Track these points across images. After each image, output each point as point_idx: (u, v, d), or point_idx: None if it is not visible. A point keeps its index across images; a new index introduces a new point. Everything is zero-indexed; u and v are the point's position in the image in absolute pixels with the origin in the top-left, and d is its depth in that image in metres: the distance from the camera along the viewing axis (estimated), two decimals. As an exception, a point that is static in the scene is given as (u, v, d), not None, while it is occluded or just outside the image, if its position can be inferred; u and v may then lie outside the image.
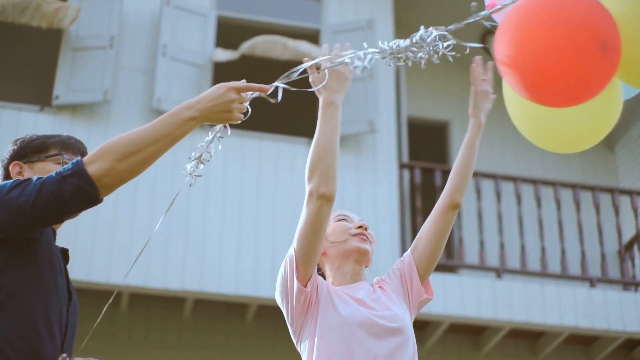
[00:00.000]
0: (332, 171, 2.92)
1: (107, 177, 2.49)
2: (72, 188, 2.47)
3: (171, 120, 2.59)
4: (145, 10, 9.19)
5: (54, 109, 8.50)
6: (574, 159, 10.96)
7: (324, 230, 2.94)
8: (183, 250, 8.10)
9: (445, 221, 3.13)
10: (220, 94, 2.68)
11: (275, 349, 8.72)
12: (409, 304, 3.07)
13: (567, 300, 8.70)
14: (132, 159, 2.51)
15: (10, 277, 2.51)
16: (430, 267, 3.11)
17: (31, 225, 2.51)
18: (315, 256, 2.94)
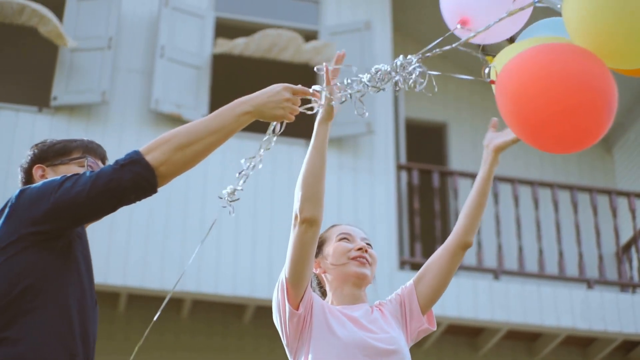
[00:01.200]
0: (316, 195, 2.92)
1: (165, 166, 2.54)
2: (132, 175, 2.50)
3: (227, 114, 2.67)
4: (143, 11, 9.20)
5: (51, 110, 8.50)
6: (572, 160, 10.97)
7: (311, 254, 2.93)
8: (180, 252, 8.10)
9: (454, 261, 3.10)
10: (276, 91, 2.76)
11: (273, 350, 8.73)
12: (406, 332, 3.05)
13: (564, 301, 8.70)
14: (188, 150, 2.56)
15: (50, 279, 2.52)
16: (434, 301, 3.08)
17: (86, 215, 2.54)
18: (304, 279, 2.94)
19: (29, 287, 2.48)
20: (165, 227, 8.17)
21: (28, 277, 2.49)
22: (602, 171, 11.02)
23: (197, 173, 8.38)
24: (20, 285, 2.48)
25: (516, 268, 9.20)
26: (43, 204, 2.51)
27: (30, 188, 2.58)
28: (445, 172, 9.43)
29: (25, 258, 2.50)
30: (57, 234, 2.54)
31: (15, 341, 2.43)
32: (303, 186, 2.94)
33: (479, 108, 10.90)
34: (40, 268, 2.51)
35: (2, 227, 2.55)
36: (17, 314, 2.46)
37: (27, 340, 2.44)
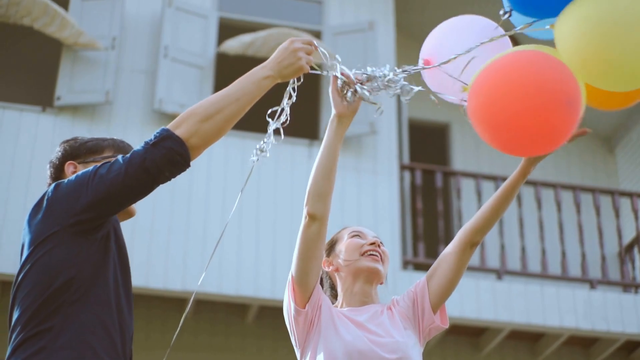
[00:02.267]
0: (322, 192, 2.93)
1: (194, 138, 2.58)
2: (165, 152, 2.54)
3: (248, 80, 2.71)
4: (146, 11, 9.21)
5: (55, 110, 8.52)
6: (574, 160, 10.97)
7: (315, 251, 2.94)
8: (184, 251, 8.11)
9: (463, 258, 3.08)
10: (285, 47, 2.79)
11: (276, 350, 8.74)
12: (418, 329, 3.03)
13: (567, 301, 8.71)
14: (215, 118, 2.60)
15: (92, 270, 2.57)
16: (445, 298, 3.05)
17: (125, 198, 2.56)
18: (309, 277, 2.95)
19: (71, 279, 2.53)
20: (169, 227, 8.18)
21: (70, 269, 2.53)
22: (604, 171, 11.02)
23: (200, 173, 8.39)
24: (62, 277, 2.52)
25: (519, 268, 9.20)
26: (81, 195, 2.55)
27: (66, 181, 2.62)
28: (448, 172, 9.43)
29: (67, 250, 2.54)
30: (98, 223, 2.58)
31: (59, 331, 2.47)
32: (311, 181, 2.96)
33: (482, 108, 10.90)
34: (82, 260, 2.55)
35: (41, 220, 2.59)
36: (60, 305, 2.50)
37: (70, 330, 2.48)
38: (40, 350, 2.45)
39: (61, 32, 8.51)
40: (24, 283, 2.56)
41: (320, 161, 2.97)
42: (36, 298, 2.51)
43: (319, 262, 2.98)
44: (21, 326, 2.51)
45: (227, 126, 2.64)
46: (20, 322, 2.52)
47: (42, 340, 2.46)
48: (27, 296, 2.53)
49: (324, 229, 2.95)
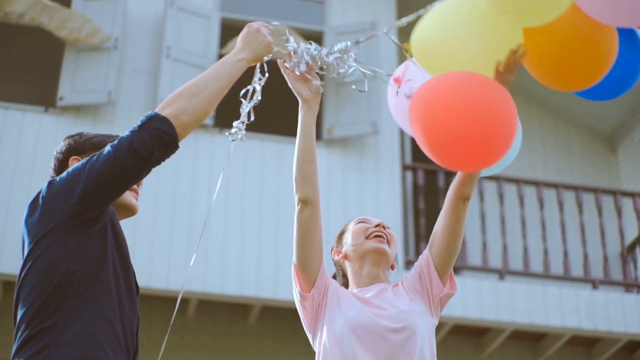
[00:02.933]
0: (307, 177, 3.07)
1: (184, 115, 2.63)
2: (152, 131, 2.56)
3: (224, 62, 2.82)
4: (149, 11, 9.22)
5: (58, 110, 8.52)
6: (576, 161, 10.97)
7: (312, 234, 3.02)
8: (186, 251, 8.12)
9: (455, 214, 3.01)
10: (247, 31, 2.93)
11: (278, 350, 8.74)
12: (428, 299, 3.02)
13: (569, 301, 8.71)
14: (199, 95, 2.67)
15: (92, 264, 2.57)
16: (448, 262, 3.02)
17: (117, 183, 2.57)
18: (311, 261, 3.01)
19: (72, 274, 2.53)
20: (170, 227, 8.18)
21: (71, 264, 2.54)
22: (606, 172, 11.02)
23: (202, 174, 8.40)
24: (62, 272, 2.53)
25: (521, 268, 9.20)
26: (75, 187, 2.56)
27: (59, 177, 2.64)
28: (450, 172, 9.42)
29: (66, 245, 2.55)
30: (94, 214, 2.58)
31: (63, 327, 2.48)
32: (295, 168, 3.10)
33: (484, 108, 10.91)
34: (82, 254, 2.56)
35: (38, 218, 2.60)
36: (63, 301, 2.51)
37: (74, 326, 2.48)
38: (45, 347, 2.45)
39: (64, 26, 8.52)
40: (26, 281, 2.57)
41: (299, 147, 3.09)
42: (39, 295, 2.52)
43: (317, 245, 3.04)
44: (25, 324, 2.52)
45: (211, 103, 2.72)
46: (24, 320, 2.53)
47: (47, 337, 2.47)
48: (29, 294, 2.54)
49: (316, 212, 3.05)
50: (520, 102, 11.03)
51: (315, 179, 3.07)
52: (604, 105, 10.80)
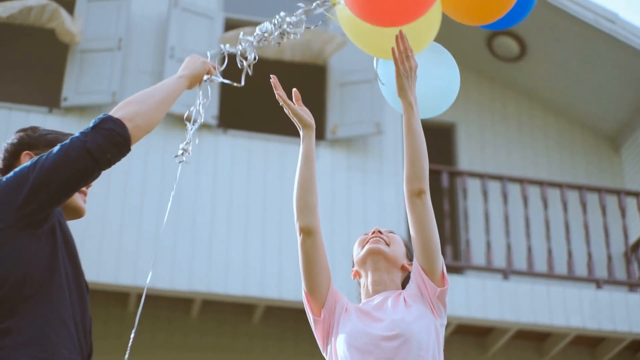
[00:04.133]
0: (307, 205, 3.03)
1: (138, 118, 2.68)
2: (105, 132, 2.58)
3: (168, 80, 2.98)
4: (152, 12, 9.23)
5: (62, 110, 8.54)
6: (580, 160, 10.97)
7: (316, 262, 3.02)
8: (190, 251, 8.13)
9: (414, 212, 2.94)
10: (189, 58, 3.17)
11: (282, 350, 8.75)
12: (429, 303, 3.00)
13: (573, 301, 8.71)
14: (149, 102, 2.75)
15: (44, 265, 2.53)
16: (431, 262, 2.96)
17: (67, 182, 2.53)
18: (316, 286, 3.02)
19: (24, 275, 2.49)
20: (174, 228, 8.19)
21: (22, 266, 2.49)
22: (610, 171, 11.02)
23: (206, 175, 8.40)
24: (14, 274, 2.48)
25: (525, 268, 9.20)
26: (23, 187, 2.51)
27: (5, 178, 2.58)
28: (454, 172, 9.44)
29: (16, 247, 2.50)
30: (42, 215, 2.53)
31: (19, 329, 2.44)
32: (295, 197, 3.06)
33: (487, 109, 10.91)
34: (32, 255, 2.51)
35: None
36: (17, 303, 2.47)
37: (30, 327, 2.45)
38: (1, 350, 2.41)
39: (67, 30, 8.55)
40: None
41: (302, 176, 3.09)
42: None
43: (323, 270, 3.04)
44: None
45: (158, 111, 2.79)
46: None
47: (3, 339, 2.42)
48: None
49: (318, 240, 3.03)
50: (524, 102, 11.02)
51: (315, 208, 3.04)
52: (608, 105, 10.80)
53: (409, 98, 2.97)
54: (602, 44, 10.21)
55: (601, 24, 10.06)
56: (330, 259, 3.18)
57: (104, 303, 8.58)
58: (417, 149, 2.95)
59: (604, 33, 10.08)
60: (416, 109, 2.97)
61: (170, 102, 2.87)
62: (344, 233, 8.25)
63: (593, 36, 10.15)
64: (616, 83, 10.55)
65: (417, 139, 2.95)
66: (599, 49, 10.29)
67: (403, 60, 2.97)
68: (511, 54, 10.68)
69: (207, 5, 9.34)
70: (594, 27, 10.06)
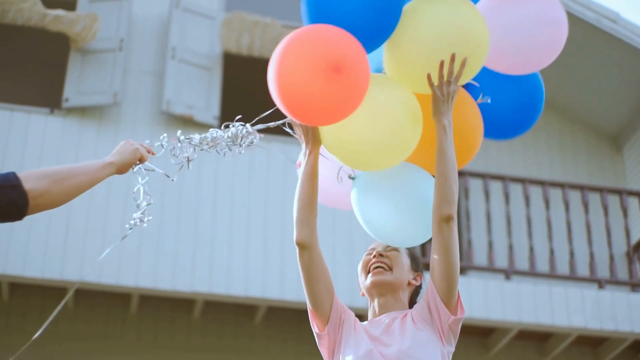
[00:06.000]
0: (305, 220, 3.03)
1: (42, 198, 2.61)
2: (6, 201, 2.53)
3: (94, 162, 2.90)
4: (154, 12, 9.23)
5: (63, 111, 8.53)
6: (582, 160, 10.96)
7: (315, 276, 3.01)
8: (192, 252, 8.12)
9: (440, 238, 2.90)
10: (124, 142, 3.10)
11: (284, 351, 8.74)
12: (439, 330, 2.95)
13: (575, 301, 8.70)
14: (64, 184, 2.68)
15: None
16: (449, 288, 2.91)
17: None
18: (317, 300, 3.02)
19: None
20: (177, 229, 8.19)
21: None
22: (612, 171, 11.01)
23: (208, 177, 8.40)
24: None
25: (527, 268, 9.20)
26: None
27: None
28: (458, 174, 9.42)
29: None
30: None
31: None
32: (294, 210, 3.05)
33: (489, 108, 10.90)
34: None
35: None
36: None
37: None
38: None
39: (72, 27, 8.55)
40: None
41: (304, 191, 3.06)
42: None
43: (324, 285, 3.03)
44: None
45: (70, 195, 2.72)
46: None
47: None
48: None
49: (315, 254, 3.02)
50: (526, 101, 11.01)
51: (313, 223, 3.03)
52: (610, 105, 10.80)
53: (442, 122, 2.92)
54: (604, 43, 10.20)
55: (603, 24, 10.05)
56: (329, 259, 3.17)
57: (106, 304, 8.58)
58: (448, 174, 2.91)
59: (606, 32, 10.07)
60: (449, 132, 2.91)
61: (89, 187, 2.81)
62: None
63: (594, 36, 10.15)
64: (618, 83, 10.54)
65: (449, 164, 2.90)
66: (600, 49, 10.28)
67: (442, 85, 2.92)
68: (513, 53, 10.66)
69: (208, 5, 9.33)
70: (596, 26, 10.05)
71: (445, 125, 2.92)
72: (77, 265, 7.82)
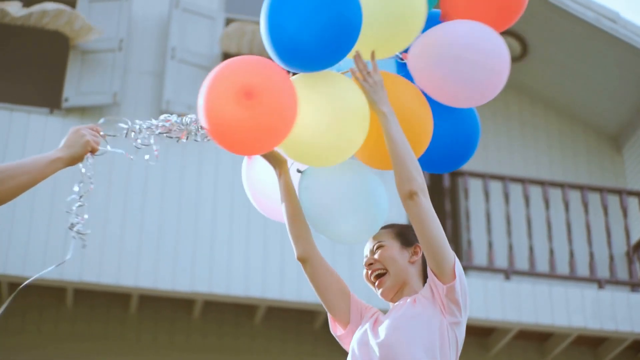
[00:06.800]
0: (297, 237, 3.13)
1: None
2: None
3: (41, 158, 2.86)
4: (154, 13, 9.23)
5: (63, 111, 8.53)
6: (581, 160, 10.96)
7: (322, 286, 3.10)
8: (192, 252, 8.12)
9: (410, 213, 3.00)
10: (72, 131, 3.02)
11: (284, 351, 8.74)
12: (439, 302, 2.95)
13: (575, 301, 8.70)
14: (8, 183, 2.68)
15: None
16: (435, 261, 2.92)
17: None
18: (334, 306, 3.10)
19: None
20: (177, 229, 8.19)
21: None
22: (612, 171, 11.01)
23: (207, 177, 8.40)
24: None
25: (527, 268, 9.20)
26: None
27: None
28: (455, 172, 9.42)
29: None
30: None
31: None
32: (287, 229, 3.15)
33: (488, 108, 10.90)
34: None
35: None
36: None
37: None
38: None
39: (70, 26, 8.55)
40: None
41: (285, 210, 3.16)
42: None
43: (337, 289, 3.11)
44: None
45: (16, 193, 2.72)
46: None
47: None
48: None
49: (318, 265, 3.11)
50: (526, 102, 11.02)
51: (307, 235, 3.13)
52: (610, 105, 10.80)
53: (381, 109, 3.01)
54: (604, 43, 10.20)
55: (602, 23, 10.05)
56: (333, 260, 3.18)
57: (106, 304, 8.58)
58: (398, 154, 2.99)
59: (605, 32, 10.07)
60: (391, 117, 3.00)
61: (33, 185, 2.78)
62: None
63: (594, 35, 10.15)
64: (618, 82, 10.54)
65: (397, 146, 2.98)
66: (600, 49, 10.28)
67: (365, 78, 3.03)
68: (512, 53, 10.67)
69: (208, 5, 9.33)
70: (595, 26, 10.05)
71: (385, 112, 3.00)
72: (77, 265, 7.82)
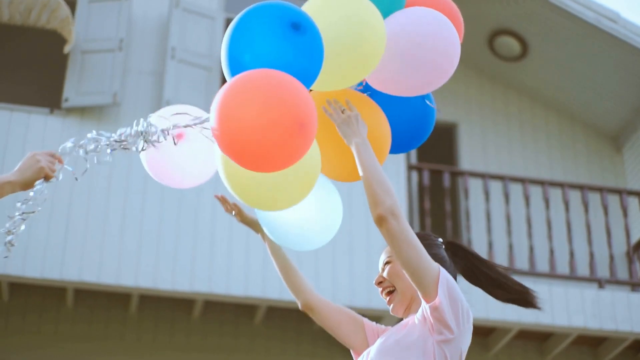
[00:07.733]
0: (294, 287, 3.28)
1: None
2: None
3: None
4: (154, 12, 9.23)
5: (63, 111, 8.53)
6: (582, 160, 10.96)
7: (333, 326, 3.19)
8: (192, 252, 8.12)
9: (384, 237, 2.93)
10: (28, 156, 3.00)
11: (284, 351, 8.74)
12: (429, 323, 2.97)
13: (575, 301, 8.70)
14: None
15: None
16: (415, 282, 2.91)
17: None
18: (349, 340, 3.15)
19: None
20: (176, 229, 8.19)
21: None
22: (612, 171, 11.01)
23: (210, 179, 8.41)
24: None
25: (527, 268, 9.19)
26: None
27: None
28: (455, 172, 9.43)
29: None
30: None
31: None
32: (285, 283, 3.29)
33: (488, 108, 10.91)
34: None
35: None
36: None
37: None
38: None
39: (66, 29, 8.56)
40: None
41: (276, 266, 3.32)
42: None
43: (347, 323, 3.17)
44: None
45: None
46: None
47: None
48: None
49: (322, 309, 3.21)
50: (526, 101, 11.02)
51: (304, 284, 3.24)
52: (610, 105, 10.80)
53: (351, 143, 3.01)
54: (604, 43, 10.20)
55: (602, 23, 10.05)
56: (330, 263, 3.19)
57: (105, 304, 8.58)
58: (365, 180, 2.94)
59: (606, 32, 10.07)
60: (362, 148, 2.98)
61: None
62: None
63: (594, 35, 10.15)
64: (618, 82, 10.54)
65: (365, 172, 2.94)
66: (600, 49, 10.28)
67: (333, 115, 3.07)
68: (512, 53, 10.68)
69: (208, 5, 9.33)
70: (596, 26, 10.05)
71: (357, 143, 2.99)
72: (77, 265, 7.82)
